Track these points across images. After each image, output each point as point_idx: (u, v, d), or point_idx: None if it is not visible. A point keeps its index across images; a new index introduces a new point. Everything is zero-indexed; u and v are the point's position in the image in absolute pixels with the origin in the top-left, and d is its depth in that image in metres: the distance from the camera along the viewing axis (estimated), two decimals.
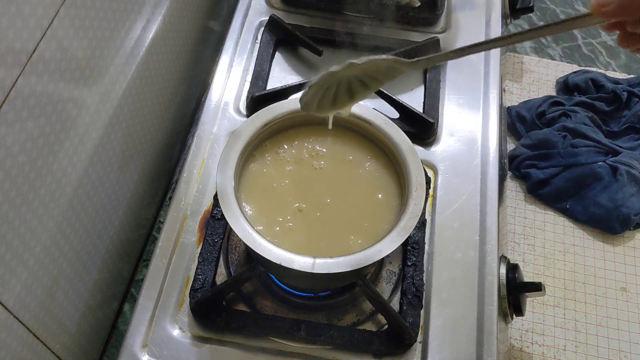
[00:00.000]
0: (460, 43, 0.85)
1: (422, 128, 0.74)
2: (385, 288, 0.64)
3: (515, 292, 0.65)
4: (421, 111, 0.75)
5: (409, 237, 0.53)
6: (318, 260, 0.51)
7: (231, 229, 0.57)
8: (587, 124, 1.04)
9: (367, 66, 0.46)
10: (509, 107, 1.10)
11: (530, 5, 0.91)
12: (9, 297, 0.48)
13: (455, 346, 0.60)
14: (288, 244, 0.55)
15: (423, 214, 0.68)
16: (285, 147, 0.62)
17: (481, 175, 0.72)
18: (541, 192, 0.99)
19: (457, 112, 0.78)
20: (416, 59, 0.46)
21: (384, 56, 0.45)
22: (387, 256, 0.54)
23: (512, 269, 0.66)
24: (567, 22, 0.39)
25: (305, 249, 0.55)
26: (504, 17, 0.90)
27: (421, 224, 0.67)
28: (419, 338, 0.61)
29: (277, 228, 0.57)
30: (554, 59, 1.19)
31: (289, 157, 0.61)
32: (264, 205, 0.58)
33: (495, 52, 0.84)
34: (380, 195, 0.60)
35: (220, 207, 0.54)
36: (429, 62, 0.48)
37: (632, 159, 0.97)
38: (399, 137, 0.60)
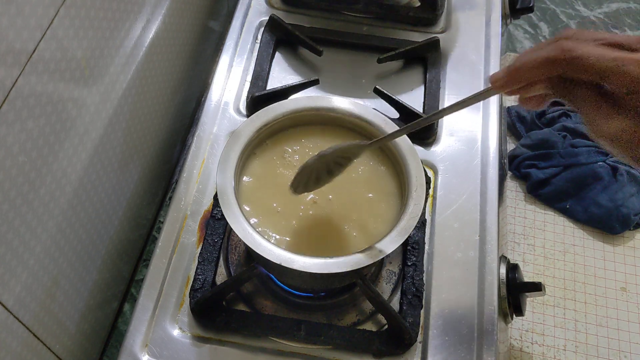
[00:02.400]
0: (460, 43, 0.85)
1: (422, 128, 0.74)
2: (385, 288, 0.64)
3: (515, 292, 0.64)
4: (421, 111, 0.75)
5: (409, 237, 0.53)
6: (318, 260, 0.51)
7: (231, 229, 0.57)
8: None
9: (335, 153, 0.53)
10: (509, 107, 1.10)
11: (530, 5, 0.91)
12: (9, 297, 0.48)
13: (455, 346, 0.60)
14: (304, 232, 0.57)
15: (423, 214, 0.68)
16: (287, 147, 0.62)
17: (481, 175, 0.72)
18: (541, 192, 0.99)
19: (457, 112, 0.78)
20: (372, 140, 0.54)
21: (347, 143, 0.54)
22: (387, 256, 0.54)
23: (512, 269, 0.66)
24: (473, 97, 0.47)
25: (315, 240, 0.57)
26: (504, 17, 0.90)
27: (421, 224, 0.67)
28: (419, 338, 0.61)
29: (301, 213, 0.58)
30: None
31: (291, 158, 0.61)
32: (276, 199, 0.59)
33: (495, 52, 0.84)
34: (379, 196, 0.60)
35: (220, 207, 0.54)
36: (380, 142, 0.54)
37: None
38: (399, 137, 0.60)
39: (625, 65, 0.37)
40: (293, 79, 0.81)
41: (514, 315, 0.65)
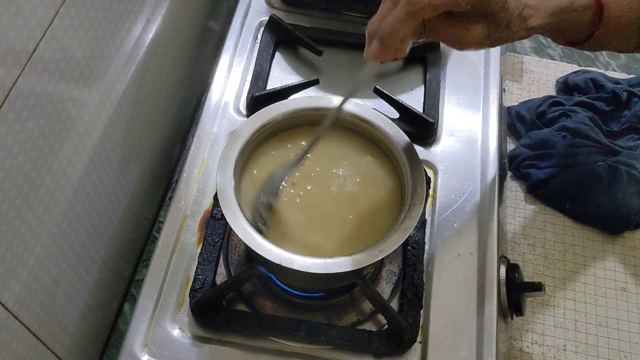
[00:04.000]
0: None
1: (422, 128, 0.74)
2: (385, 288, 0.64)
3: (515, 292, 0.64)
4: (421, 111, 0.75)
5: (409, 237, 0.53)
6: (318, 260, 0.51)
7: (231, 229, 0.57)
8: (587, 124, 1.03)
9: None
10: (509, 107, 1.10)
11: None
12: (9, 297, 0.48)
13: (455, 346, 0.60)
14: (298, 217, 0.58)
15: (423, 214, 0.68)
16: (287, 147, 0.62)
17: (481, 175, 0.72)
18: (541, 192, 0.98)
19: (457, 112, 0.78)
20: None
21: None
22: (387, 256, 0.54)
23: (512, 269, 0.66)
24: (363, 77, 0.52)
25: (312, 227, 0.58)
26: None
27: (421, 224, 0.67)
28: (419, 338, 0.61)
29: (300, 213, 0.58)
30: (554, 59, 1.18)
31: (291, 158, 0.61)
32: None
33: (495, 52, 0.84)
34: (379, 195, 0.60)
35: (220, 207, 0.54)
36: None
37: (632, 159, 0.97)
38: (399, 137, 0.60)
39: None
40: (293, 79, 0.81)
41: (514, 315, 0.65)
